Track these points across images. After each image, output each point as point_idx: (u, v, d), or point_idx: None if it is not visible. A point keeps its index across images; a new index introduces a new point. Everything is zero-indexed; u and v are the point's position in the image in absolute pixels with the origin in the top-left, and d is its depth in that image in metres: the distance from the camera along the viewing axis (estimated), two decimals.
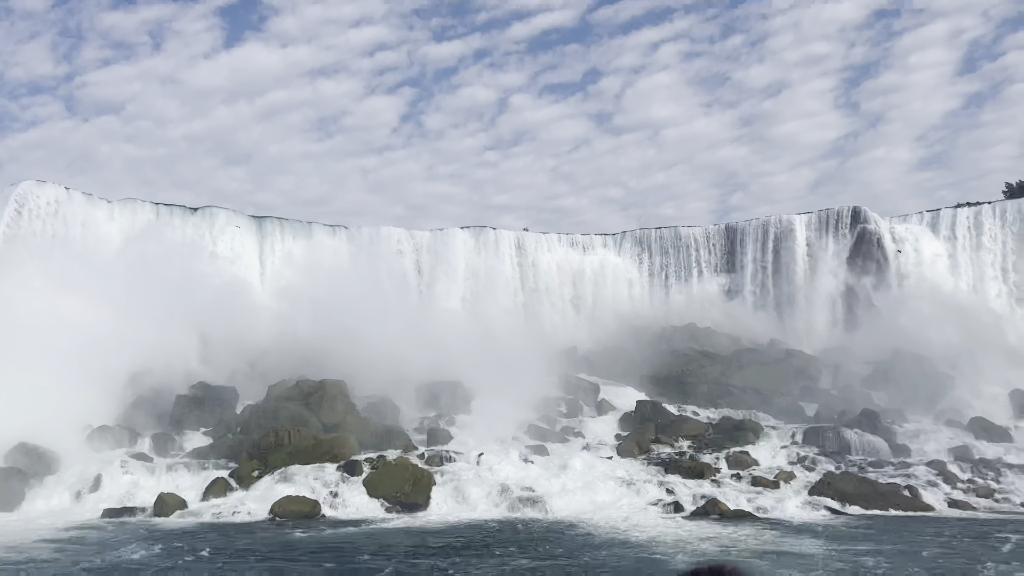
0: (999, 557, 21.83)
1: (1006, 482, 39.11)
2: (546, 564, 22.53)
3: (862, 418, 46.31)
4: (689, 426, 47.70)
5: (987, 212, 64.32)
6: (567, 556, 23.60)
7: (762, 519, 32.99)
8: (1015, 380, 52.69)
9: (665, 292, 69.48)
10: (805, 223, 67.41)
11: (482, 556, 23.53)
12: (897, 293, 62.41)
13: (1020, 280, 62.07)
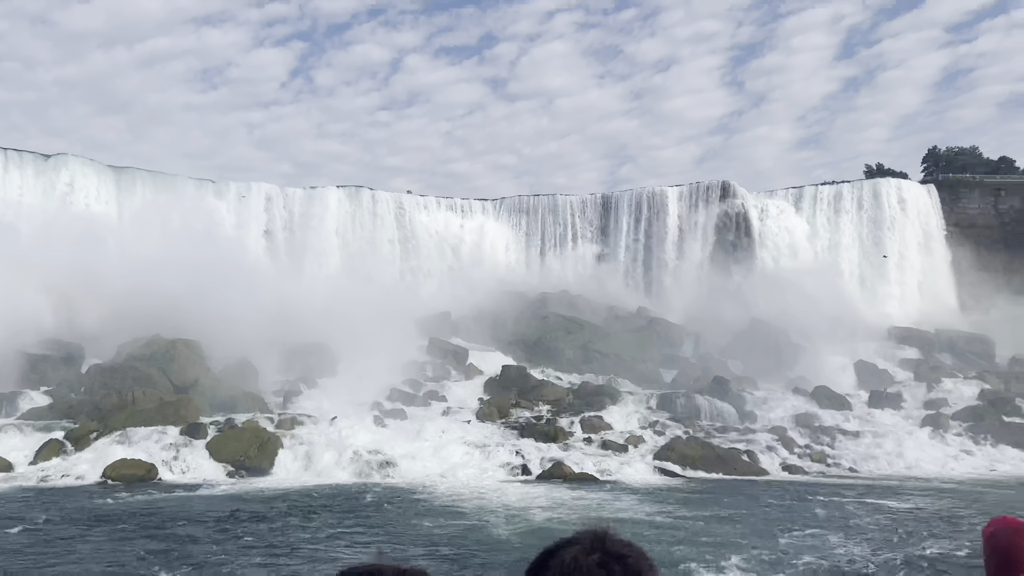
0: (804, 521, 22.76)
1: (840, 447, 41.09)
2: (377, 528, 22.19)
3: (714, 385, 47.77)
4: (550, 391, 48.20)
5: (847, 191, 67.04)
6: (401, 520, 23.33)
7: (605, 482, 33.59)
8: (861, 351, 55.45)
9: (541, 259, 69.79)
10: (677, 195, 68.71)
11: (311, 521, 22.99)
12: (759, 266, 64.49)
13: (873, 257, 65.08)
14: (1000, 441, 42.51)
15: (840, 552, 17.04)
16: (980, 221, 68.66)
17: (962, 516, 23.73)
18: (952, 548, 18.63)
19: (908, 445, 41.04)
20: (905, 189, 67.39)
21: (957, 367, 54.28)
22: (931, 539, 19.70)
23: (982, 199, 69.18)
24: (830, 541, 18.44)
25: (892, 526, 21.61)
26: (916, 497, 28.77)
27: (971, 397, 48.53)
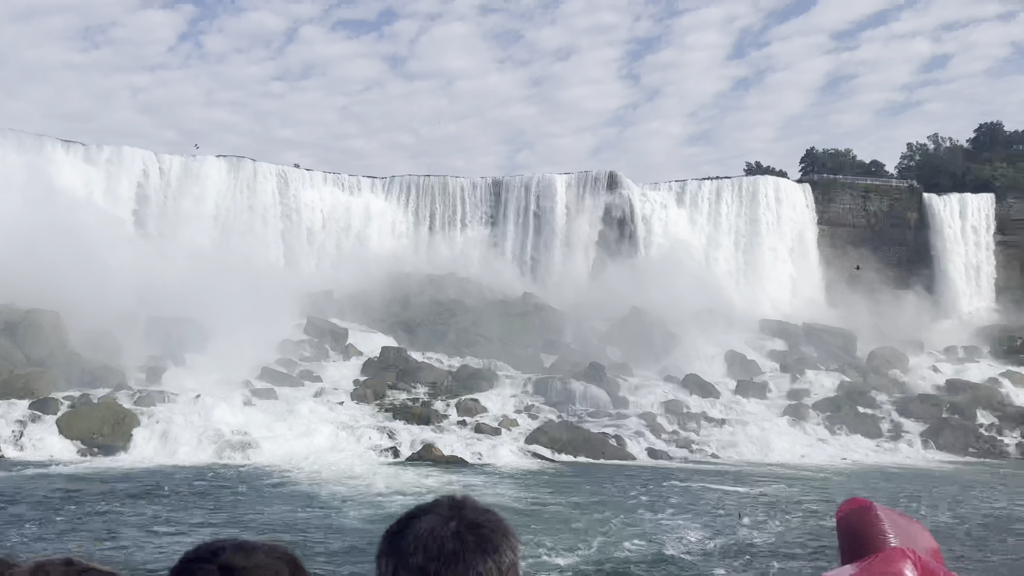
0: (656, 506, 23.24)
1: (705, 434, 42.44)
2: (222, 512, 21.37)
3: (590, 371, 48.45)
4: (429, 373, 47.89)
5: (727, 187, 69.01)
6: (251, 504, 22.55)
7: (474, 465, 33.60)
8: (732, 342, 57.31)
9: (429, 240, 69.10)
10: (565, 183, 69.19)
11: (153, 504, 21.95)
12: (642, 256, 65.75)
13: (748, 251, 67.30)
14: (854, 431, 44.81)
15: (679, 536, 17.45)
16: (850, 221, 71.94)
17: (803, 502, 24.74)
18: (787, 532, 19.34)
19: (769, 433, 42.73)
20: (782, 187, 69.91)
21: (820, 360, 56.77)
22: (769, 523, 20.43)
23: (853, 200, 72.48)
24: (673, 525, 18.86)
25: (737, 510, 22.31)
26: (768, 483, 29.87)
27: (831, 388, 50.89)
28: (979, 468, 39.17)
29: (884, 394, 50.68)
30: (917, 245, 71.48)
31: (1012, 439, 45.75)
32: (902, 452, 42.81)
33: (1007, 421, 48.05)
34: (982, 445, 44.43)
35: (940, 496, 28.29)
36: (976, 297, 69.67)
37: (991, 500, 27.94)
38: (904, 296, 66.87)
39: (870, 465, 38.98)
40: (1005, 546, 19.89)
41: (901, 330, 62.21)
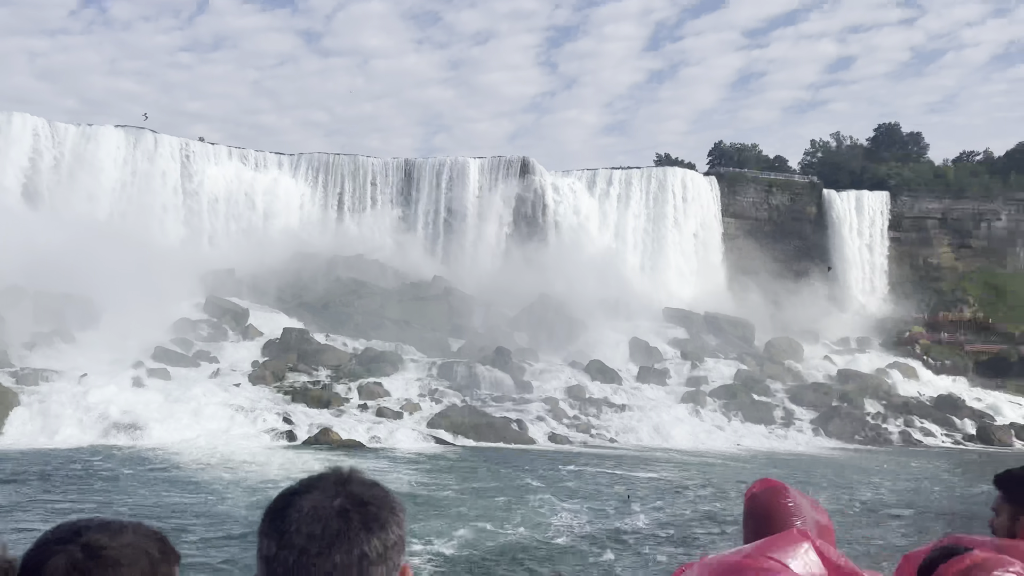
0: (551, 490, 23.34)
1: (605, 419, 42.94)
2: (97, 497, 20.40)
3: (495, 355, 48.42)
4: (332, 356, 47.06)
5: (636, 177, 69.87)
6: (130, 489, 21.61)
7: (372, 449, 33.13)
8: (637, 329, 58.15)
9: (338, 220, 67.81)
10: (479, 167, 68.86)
11: (22, 487, 20.80)
12: (552, 243, 66.06)
13: (655, 241, 68.38)
14: (749, 418, 46.05)
15: (567, 521, 17.51)
16: (753, 214, 73.83)
17: (693, 487, 25.24)
18: (675, 517, 19.65)
19: (667, 419, 43.54)
20: (689, 179, 71.20)
21: (720, 348, 58.18)
22: (659, 508, 20.74)
23: (756, 194, 74.39)
24: (563, 510, 18.93)
25: (628, 494, 22.58)
26: (662, 468, 30.40)
27: (729, 376, 52.15)
28: (865, 455, 40.80)
29: (779, 382, 52.24)
30: (816, 239, 73.87)
31: (896, 427, 47.82)
32: (793, 439, 44.23)
33: (892, 410, 50.19)
34: (868, 433, 46.25)
35: (827, 481, 29.28)
36: (869, 291, 72.48)
37: (874, 485, 29.07)
38: (802, 288, 69.06)
39: (762, 451, 40.12)
40: (884, 528, 20.66)
41: (798, 321, 64.31)
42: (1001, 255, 73.59)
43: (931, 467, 35.47)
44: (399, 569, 1.59)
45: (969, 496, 27.21)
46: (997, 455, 42.54)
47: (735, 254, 71.22)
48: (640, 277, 65.45)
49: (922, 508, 24.70)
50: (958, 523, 21.73)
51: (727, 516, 19.70)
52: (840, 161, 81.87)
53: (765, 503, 2.64)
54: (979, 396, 55.78)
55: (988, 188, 74.66)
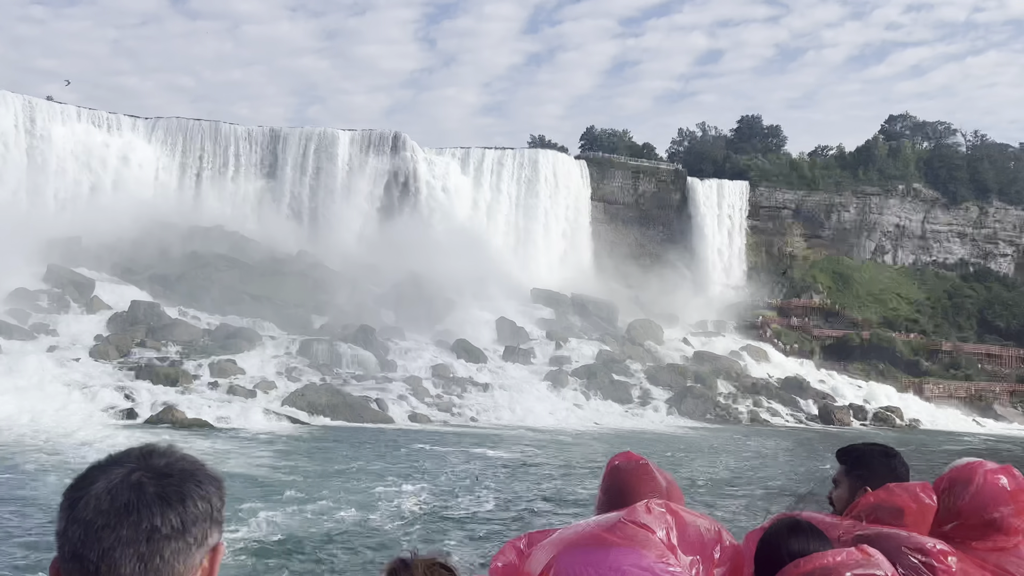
0: (397, 470, 22.84)
1: (468, 398, 42.77)
2: None
3: (359, 333, 47.39)
4: (184, 331, 44.82)
5: (509, 157, 69.86)
6: None
7: (220, 429, 31.63)
8: (504, 309, 58.19)
9: (197, 189, 64.63)
10: (349, 140, 67.12)
11: None
12: (423, 220, 65.20)
13: (526, 222, 68.61)
14: (607, 397, 46.97)
15: (402, 502, 17.01)
16: (621, 199, 75.29)
17: (545, 464, 25.29)
18: (518, 495, 19.52)
19: (529, 398, 43.82)
20: (560, 162, 71.79)
21: (584, 329, 59.05)
22: (506, 486, 20.59)
23: (624, 179, 75.87)
24: (403, 491, 18.43)
25: (476, 473, 22.37)
26: (519, 447, 30.39)
27: (591, 356, 52.98)
28: (715, 433, 42.24)
29: (638, 363, 53.53)
30: (679, 225, 76.08)
31: (745, 407, 49.88)
32: (649, 417, 45.42)
33: (743, 391, 52.34)
34: (719, 412, 48.05)
35: (678, 458, 29.99)
36: (727, 276, 75.27)
37: (722, 462, 30.00)
38: (665, 272, 71.04)
39: (619, 429, 40.91)
40: (730, 503, 21.19)
41: (660, 304, 66.10)
42: (848, 245, 77.99)
43: (774, 445, 37.06)
44: (208, 546, 1.49)
45: (809, 473, 28.50)
46: (836, 434, 45.04)
47: (603, 238, 72.47)
48: (510, 257, 65.51)
49: (765, 485, 25.61)
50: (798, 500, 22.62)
51: (569, 495, 19.76)
52: (705, 151, 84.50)
53: (625, 475, 2.68)
54: (823, 378, 58.98)
55: (839, 182, 78.85)
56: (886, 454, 2.97)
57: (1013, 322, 72.66)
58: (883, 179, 78.96)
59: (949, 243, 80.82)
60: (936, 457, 33.98)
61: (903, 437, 45.10)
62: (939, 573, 2.28)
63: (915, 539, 2.39)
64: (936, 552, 2.32)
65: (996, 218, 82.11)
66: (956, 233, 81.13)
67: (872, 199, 78.32)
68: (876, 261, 77.95)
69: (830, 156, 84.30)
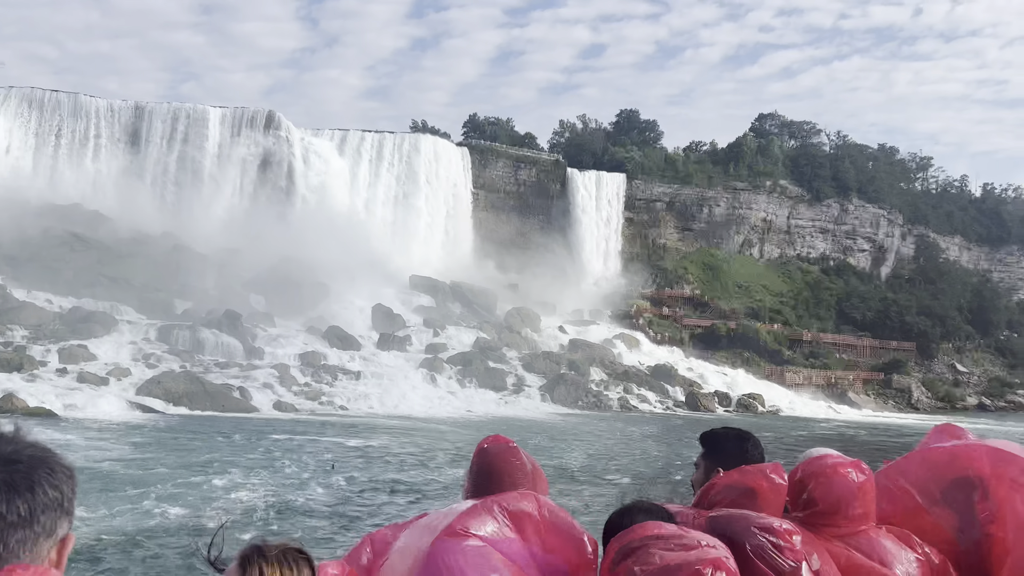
0: (246, 462, 21.87)
1: (339, 386, 41.76)
2: None
3: (224, 319, 45.52)
4: (32, 314, 41.91)
5: (389, 142, 68.64)
6: None
7: (66, 418, 29.62)
8: (382, 295, 57.19)
9: (53, 164, 60.57)
10: (220, 118, 64.36)
11: None
12: (299, 203, 63.32)
13: (405, 207, 67.65)
14: (482, 385, 46.85)
15: (237, 495, 16.17)
16: (502, 187, 75.34)
17: (406, 453, 24.80)
18: (366, 486, 18.99)
19: (402, 386, 43.18)
20: (442, 148, 71.11)
21: (463, 317, 58.78)
22: (359, 476, 20.01)
23: (506, 168, 75.93)
24: (242, 484, 17.54)
25: (332, 463, 21.69)
26: (384, 435, 29.77)
27: (468, 344, 52.79)
28: (586, 419, 42.75)
29: (515, 351, 53.68)
30: (559, 215, 76.78)
31: (616, 394, 50.75)
32: (522, 404, 45.57)
33: (614, 378, 53.25)
34: (591, 399, 48.70)
35: (546, 444, 30.04)
36: (604, 266, 76.51)
37: (588, 448, 30.22)
38: (544, 261, 71.49)
39: (492, 416, 40.80)
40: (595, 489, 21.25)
41: (538, 292, 66.44)
42: (719, 238, 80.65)
43: (639, 432, 37.77)
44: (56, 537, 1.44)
45: (669, 459, 29.07)
46: (700, 420, 46.38)
47: (483, 225, 72.35)
48: (388, 244, 64.41)
49: (628, 471, 25.92)
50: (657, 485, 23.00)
51: (424, 484, 19.39)
52: (584, 143, 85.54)
53: (493, 457, 2.69)
54: (692, 366, 60.70)
55: (711, 177, 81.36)
56: (740, 437, 3.06)
57: (868, 314, 76.98)
58: (752, 175, 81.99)
59: (812, 238, 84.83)
60: (793, 442, 35.52)
61: (763, 423, 46.93)
62: (784, 551, 2.38)
63: (764, 519, 2.49)
64: (782, 531, 2.42)
65: (855, 215, 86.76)
66: (818, 229, 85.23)
67: (741, 194, 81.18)
68: (744, 254, 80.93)
69: (703, 152, 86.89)
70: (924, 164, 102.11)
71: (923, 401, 68.34)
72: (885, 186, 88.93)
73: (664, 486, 22.99)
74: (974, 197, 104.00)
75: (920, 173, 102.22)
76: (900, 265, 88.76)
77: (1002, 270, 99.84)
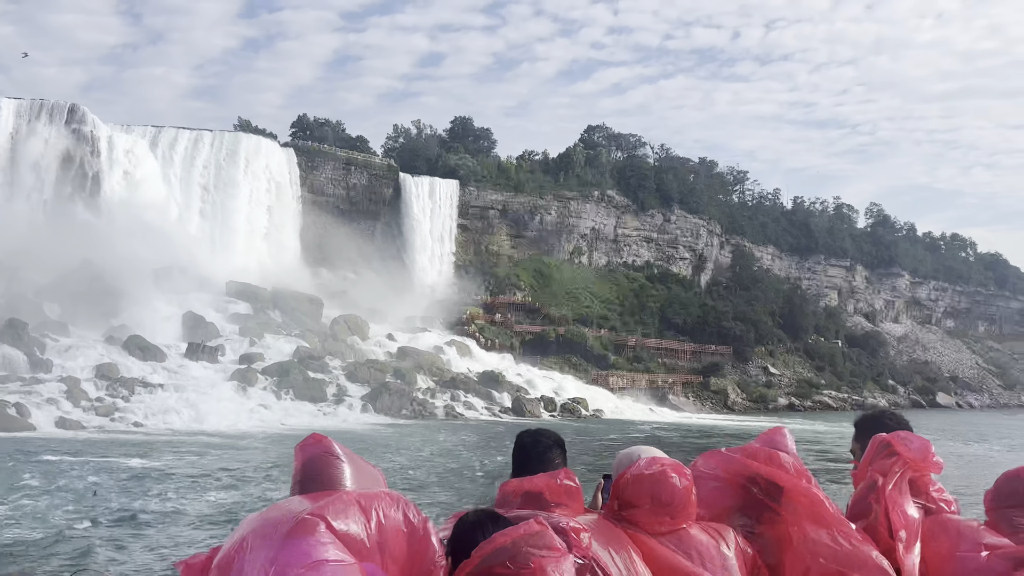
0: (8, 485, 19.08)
1: (136, 400, 38.39)
2: None
3: (6, 329, 40.97)
4: None
5: (207, 140, 64.78)
6: None
7: None
8: (194, 303, 53.51)
9: None
10: (15, 109, 58.49)
11: None
12: (104, 203, 58.53)
13: (224, 209, 63.95)
14: (299, 396, 44.53)
15: None
16: (332, 191, 72.94)
17: (178, 475, 22.59)
18: (130, 510, 16.90)
19: (208, 399, 40.28)
20: (265, 148, 67.85)
21: (284, 325, 56.05)
22: (121, 502, 17.81)
23: (335, 171, 73.55)
24: None
25: (95, 488, 19.29)
26: (175, 454, 27.29)
27: (287, 353, 50.19)
28: (406, 428, 41.38)
29: (338, 360, 51.63)
30: (392, 220, 75.24)
31: (441, 402, 49.73)
32: (342, 415, 43.68)
33: (442, 385, 52.26)
34: (415, 407, 47.41)
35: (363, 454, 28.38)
36: (437, 273, 75.64)
37: (404, 457, 28.87)
38: (375, 267, 69.73)
39: (308, 429, 38.51)
40: None
41: (370, 299, 64.51)
42: (550, 246, 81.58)
43: (458, 439, 36.84)
44: None
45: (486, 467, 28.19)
46: (525, 425, 46.07)
47: (311, 230, 69.74)
48: (204, 247, 60.56)
49: (444, 480, 24.79)
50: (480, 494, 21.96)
51: (189, 509, 17.46)
52: (419, 148, 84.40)
53: (313, 460, 2.61)
54: (521, 372, 60.67)
55: (542, 186, 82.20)
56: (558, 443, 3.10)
57: (689, 319, 80.00)
58: (581, 185, 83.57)
59: (637, 247, 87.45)
60: (608, 444, 35.77)
61: (585, 426, 47.32)
62: (573, 546, 2.47)
63: (552, 518, 2.54)
64: (569, 529, 2.52)
65: (677, 225, 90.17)
66: (643, 238, 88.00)
67: (571, 203, 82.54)
68: (573, 261, 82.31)
69: (535, 160, 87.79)
70: (741, 177, 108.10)
71: (738, 402, 71.56)
72: (705, 198, 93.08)
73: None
74: (786, 209, 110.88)
75: (737, 186, 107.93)
76: (718, 273, 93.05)
77: (810, 278, 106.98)
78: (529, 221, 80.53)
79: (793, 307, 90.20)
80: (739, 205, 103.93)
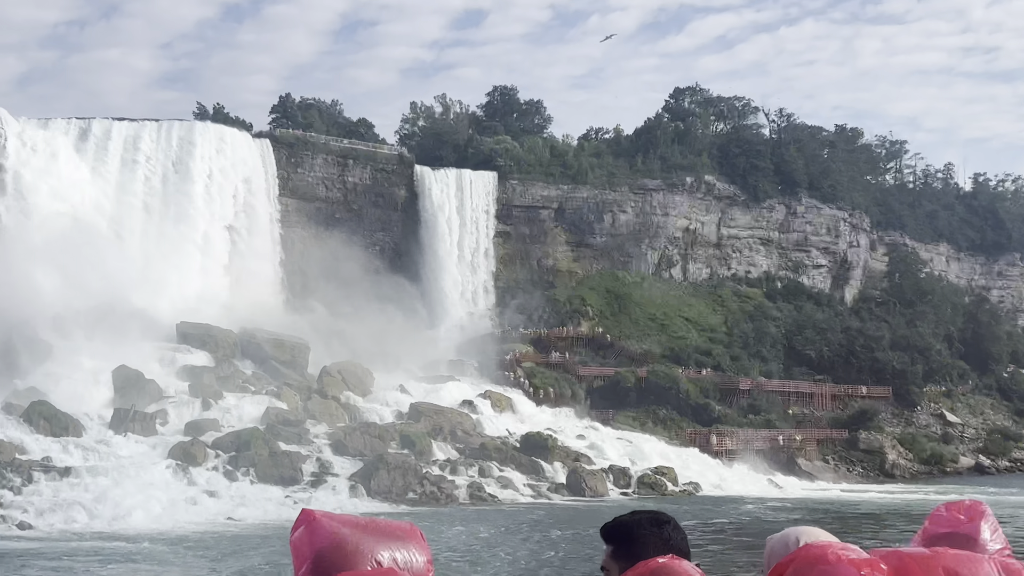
0: None
1: (29, 492, 37.45)
2: None
3: None
4: None
5: (150, 133, 64.70)
6: None
7: None
8: (131, 354, 52.51)
9: None
10: None
11: None
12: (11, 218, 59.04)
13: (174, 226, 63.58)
14: (263, 478, 43.04)
15: None
16: (321, 194, 72.27)
17: None
18: None
19: (135, 486, 39.14)
20: (230, 140, 67.40)
21: (255, 379, 55.14)
22: None
23: (327, 168, 72.88)
24: None
25: None
26: (50, 571, 25.74)
27: (254, 418, 49.14)
28: (414, 519, 39.23)
29: (323, 425, 50.42)
30: (406, 231, 74.18)
31: (465, 479, 47.64)
32: (320, 502, 41.72)
33: (467, 456, 50.32)
34: (427, 489, 45.52)
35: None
36: (470, 299, 74.32)
37: None
38: (384, 296, 68.28)
39: (267, 524, 37.00)
40: None
41: (375, 341, 63.17)
42: (626, 256, 79.35)
43: (482, 536, 34.70)
44: None
45: None
46: (585, 510, 43.79)
47: (294, 249, 69.20)
48: (147, 278, 60.08)
49: None
50: None
51: None
52: (444, 132, 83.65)
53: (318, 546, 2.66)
54: (583, 432, 58.63)
55: (613, 173, 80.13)
56: (655, 521, 3.17)
57: (827, 351, 76.56)
58: (668, 169, 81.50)
59: (751, 252, 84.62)
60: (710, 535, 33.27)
61: (673, 508, 44.61)
62: None
63: None
64: None
65: (807, 219, 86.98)
66: (759, 239, 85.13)
67: (655, 195, 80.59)
68: (660, 276, 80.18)
69: (604, 140, 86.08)
70: (896, 151, 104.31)
71: (901, 465, 68.29)
72: (845, 180, 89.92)
73: None
74: (963, 193, 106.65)
75: (892, 163, 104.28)
76: (869, 284, 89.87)
77: (1002, 287, 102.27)
78: (596, 223, 78.72)
79: (979, 328, 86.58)
80: (895, 189, 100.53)
